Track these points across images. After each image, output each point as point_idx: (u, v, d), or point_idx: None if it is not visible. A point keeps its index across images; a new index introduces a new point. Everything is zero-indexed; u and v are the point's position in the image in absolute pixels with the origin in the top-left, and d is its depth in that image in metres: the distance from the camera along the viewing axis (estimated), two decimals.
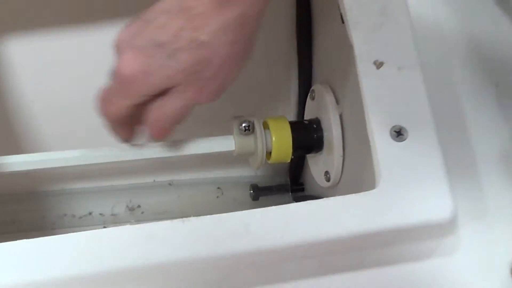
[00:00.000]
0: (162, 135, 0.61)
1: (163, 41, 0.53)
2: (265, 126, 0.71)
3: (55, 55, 0.84)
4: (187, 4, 0.52)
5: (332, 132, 0.69)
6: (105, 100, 0.60)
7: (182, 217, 0.54)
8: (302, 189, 0.95)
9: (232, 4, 0.52)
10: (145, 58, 0.54)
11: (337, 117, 0.69)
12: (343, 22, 0.62)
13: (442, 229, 0.57)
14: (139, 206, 0.94)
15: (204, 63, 0.54)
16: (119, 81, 0.56)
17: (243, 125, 0.69)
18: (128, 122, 0.62)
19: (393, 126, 0.57)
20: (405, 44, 0.61)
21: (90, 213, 0.93)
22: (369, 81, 0.59)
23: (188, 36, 0.53)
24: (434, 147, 0.57)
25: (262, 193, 0.94)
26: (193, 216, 0.54)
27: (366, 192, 0.55)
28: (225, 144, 0.70)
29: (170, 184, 0.96)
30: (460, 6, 0.71)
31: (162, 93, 0.57)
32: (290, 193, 0.95)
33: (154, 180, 0.95)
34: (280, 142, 0.70)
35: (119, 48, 0.56)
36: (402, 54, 0.60)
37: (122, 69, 0.55)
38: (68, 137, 0.90)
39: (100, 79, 0.85)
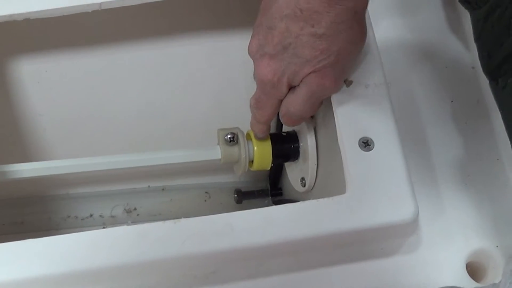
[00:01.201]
0: (295, 123, 0.64)
1: (288, 43, 0.55)
2: (248, 137, 0.71)
3: (62, 74, 0.84)
4: (301, 7, 0.52)
5: (307, 143, 0.69)
6: (259, 106, 0.63)
7: (173, 219, 0.54)
8: (281, 194, 0.95)
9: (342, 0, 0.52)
10: (277, 62, 0.56)
11: (312, 130, 0.69)
12: None
13: (406, 228, 0.57)
14: (135, 209, 0.93)
15: (325, 52, 0.54)
16: (263, 86, 0.59)
17: (228, 136, 0.69)
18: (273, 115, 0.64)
19: (361, 137, 0.57)
20: (372, 63, 0.61)
21: (91, 215, 0.93)
22: (339, 98, 0.59)
23: (308, 33, 0.53)
24: (397, 155, 0.57)
25: (245, 197, 0.94)
26: (184, 217, 0.54)
27: (337, 196, 0.55)
28: (212, 153, 0.70)
29: (163, 189, 0.95)
30: (417, 24, 0.71)
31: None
32: (270, 197, 0.95)
33: (148, 186, 0.95)
34: (261, 151, 0.70)
35: (254, 57, 0.59)
36: (369, 73, 0.60)
37: (262, 76, 0.58)
38: (72, 146, 0.90)
39: (100, 95, 0.86)
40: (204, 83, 0.88)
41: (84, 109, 0.87)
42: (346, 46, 0.55)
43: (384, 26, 0.70)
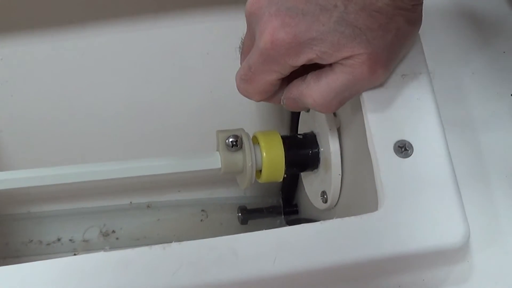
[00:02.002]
0: (301, 109, 0.61)
1: (332, 4, 0.51)
2: (255, 141, 0.71)
3: (22, 62, 0.84)
4: None
5: (329, 147, 0.69)
6: (248, 79, 0.58)
7: (162, 243, 0.54)
8: (296, 212, 0.95)
9: None
10: (305, 24, 0.52)
11: (335, 131, 0.69)
12: None
13: (453, 255, 0.57)
14: (113, 231, 0.94)
15: (383, 28, 0.52)
16: (267, 51, 0.54)
17: (230, 140, 0.69)
18: (272, 96, 0.61)
19: (397, 141, 0.57)
20: (410, 48, 0.61)
21: (59, 239, 0.93)
22: (370, 90, 0.59)
23: (363, 1, 0.51)
24: (443, 163, 0.57)
25: (252, 216, 0.94)
26: (175, 241, 0.54)
27: (368, 214, 0.55)
28: (210, 161, 0.70)
29: (148, 207, 0.96)
30: (468, 6, 0.71)
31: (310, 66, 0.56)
32: (283, 216, 0.95)
33: (130, 202, 0.95)
34: (271, 159, 0.70)
35: (258, 13, 0.54)
36: (406, 59, 0.60)
37: (272, 36, 0.53)
38: (35, 154, 0.90)
39: (71, 89, 0.86)
40: (199, 75, 0.88)
41: (50, 107, 0.87)
42: (405, 27, 0.54)
43: (425, 1, 0.70)
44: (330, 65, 0.55)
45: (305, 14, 0.52)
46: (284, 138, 0.71)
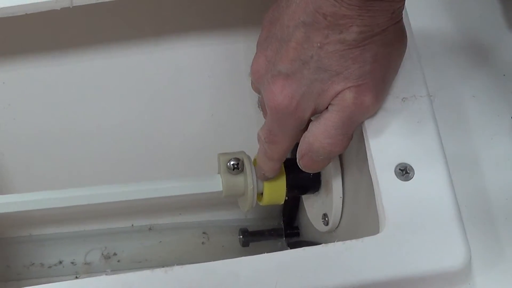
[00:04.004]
0: (318, 166, 0.62)
1: (309, 56, 0.54)
2: (256, 164, 0.71)
3: (23, 86, 0.85)
4: (325, 11, 0.52)
5: (331, 170, 0.69)
6: (272, 140, 0.62)
7: (163, 266, 0.54)
8: (298, 234, 0.95)
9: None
10: (295, 82, 0.55)
11: None
12: None
13: (455, 278, 0.56)
14: (115, 254, 0.93)
15: (358, 61, 0.54)
16: (277, 116, 0.58)
17: (231, 163, 0.69)
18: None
19: (398, 164, 0.57)
20: (410, 71, 0.61)
21: (60, 262, 0.93)
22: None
23: (335, 41, 0.53)
24: (444, 186, 0.57)
25: (253, 239, 0.94)
26: (176, 264, 0.54)
27: (369, 237, 0.55)
28: (211, 184, 0.70)
29: (150, 229, 0.95)
30: (466, 21, 0.71)
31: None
32: (284, 238, 0.95)
33: (132, 225, 0.95)
34: (272, 182, 0.70)
35: (261, 80, 0.58)
36: (407, 83, 0.60)
37: (275, 103, 0.57)
38: (36, 177, 0.90)
39: (71, 112, 0.86)
40: (200, 96, 0.88)
41: (52, 130, 0.87)
42: (382, 51, 0.54)
43: (425, 23, 0.70)
44: (326, 108, 0.57)
45: (294, 73, 0.55)
46: (285, 161, 0.71)
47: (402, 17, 0.56)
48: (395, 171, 0.57)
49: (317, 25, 0.52)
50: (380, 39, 0.54)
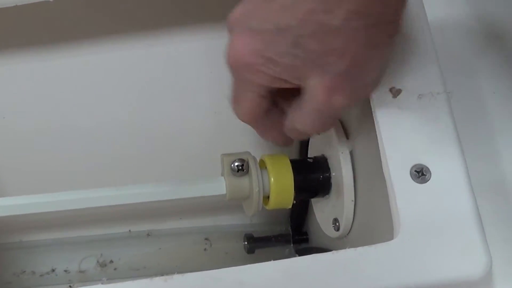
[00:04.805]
0: (305, 137, 0.65)
1: (288, 25, 0.53)
2: (262, 165, 0.71)
3: (11, 81, 0.85)
4: None
5: (341, 172, 0.69)
6: (234, 100, 0.62)
7: (163, 274, 0.54)
8: (306, 240, 0.95)
9: None
10: (263, 43, 0.54)
11: (347, 154, 0.69)
12: None
13: (475, 286, 0.56)
14: (111, 261, 0.93)
15: (336, 54, 0.53)
16: (235, 70, 0.57)
17: (236, 164, 0.69)
18: (267, 122, 0.63)
19: (414, 165, 0.57)
20: (426, 67, 0.61)
21: (53, 270, 0.93)
22: (384, 112, 0.59)
23: (318, 20, 0.52)
24: (462, 188, 0.57)
25: (259, 245, 0.94)
26: (177, 273, 0.54)
27: (383, 243, 0.55)
28: (214, 187, 0.70)
29: (148, 235, 0.95)
30: (488, 13, 0.71)
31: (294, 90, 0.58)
32: (292, 245, 0.95)
33: (129, 230, 0.95)
34: (279, 184, 0.70)
35: (231, 29, 0.57)
36: (423, 79, 0.60)
37: (237, 55, 0.56)
38: (27, 179, 0.90)
39: (65, 109, 0.86)
40: (202, 93, 0.88)
41: (44, 129, 0.87)
42: (364, 51, 0.54)
43: (442, 14, 0.70)
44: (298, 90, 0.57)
45: (263, 33, 0.54)
46: (293, 162, 0.71)
47: (397, 11, 0.55)
48: (410, 173, 0.57)
49: None
50: (366, 36, 0.53)
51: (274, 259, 0.55)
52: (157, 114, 0.89)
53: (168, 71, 0.86)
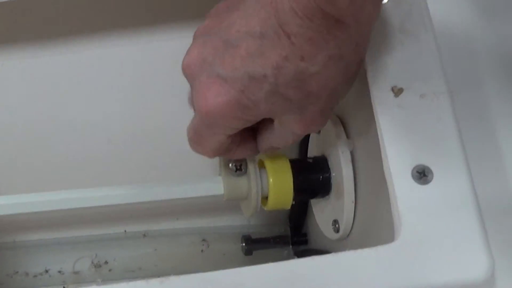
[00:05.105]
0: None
1: (261, 74, 0.52)
2: (261, 165, 0.71)
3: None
4: (290, 30, 0.50)
5: (342, 172, 0.69)
6: (198, 141, 0.62)
7: (159, 276, 0.54)
8: (305, 242, 0.95)
9: (347, 25, 0.50)
10: (238, 93, 0.54)
11: (348, 155, 0.69)
12: None
13: None
14: (106, 262, 0.93)
15: (314, 96, 0.54)
16: (207, 119, 0.57)
17: (234, 164, 0.69)
18: (235, 148, 0.64)
19: (416, 166, 0.57)
20: (429, 66, 0.61)
21: (46, 271, 0.93)
22: (386, 111, 0.59)
23: (293, 69, 0.51)
24: (465, 190, 0.57)
25: (257, 246, 0.94)
26: (173, 274, 0.54)
27: (383, 245, 0.55)
28: (212, 187, 0.70)
29: (144, 236, 0.95)
30: (493, 13, 0.71)
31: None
32: (291, 247, 0.95)
33: (125, 231, 0.95)
34: (278, 184, 0.70)
35: (192, 79, 0.57)
36: (425, 78, 0.60)
37: (208, 105, 0.55)
38: (20, 178, 0.90)
39: (59, 106, 0.86)
40: None
41: (38, 126, 0.87)
42: (339, 88, 0.56)
43: (445, 11, 0.70)
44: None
45: (235, 82, 0.53)
46: (292, 162, 0.71)
47: (366, 47, 0.56)
48: (412, 174, 0.57)
49: (277, 41, 0.50)
50: (342, 74, 0.54)
51: (272, 261, 0.54)
52: (153, 112, 0.89)
53: (165, 69, 0.86)
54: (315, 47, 0.50)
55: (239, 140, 0.63)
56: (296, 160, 0.72)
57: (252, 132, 0.63)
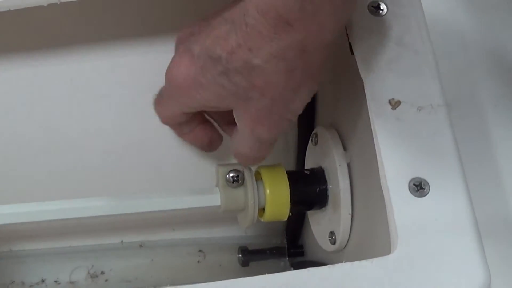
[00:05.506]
0: (253, 163, 0.67)
1: (219, 55, 0.56)
2: (258, 176, 0.71)
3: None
4: (247, 21, 0.53)
5: (339, 184, 0.69)
6: (158, 102, 0.67)
7: (155, 287, 0.54)
8: (302, 253, 0.95)
9: (294, 29, 0.52)
10: (198, 68, 0.57)
11: (345, 167, 0.69)
12: (352, 53, 0.62)
13: None
14: (102, 273, 0.93)
15: (258, 90, 0.56)
16: (169, 83, 0.61)
17: (231, 175, 0.69)
18: (185, 129, 0.68)
19: (412, 178, 0.57)
20: (427, 78, 0.61)
21: (43, 281, 0.93)
22: (383, 124, 0.59)
23: (242, 57, 0.54)
24: (462, 204, 0.57)
25: (253, 258, 0.94)
26: (169, 285, 0.54)
27: (380, 258, 0.55)
28: (209, 198, 0.70)
29: (141, 246, 0.95)
30: (488, 25, 0.71)
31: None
32: (287, 258, 0.95)
33: (121, 241, 0.95)
34: (275, 196, 0.70)
35: (177, 47, 0.62)
36: (423, 91, 0.60)
37: (173, 73, 0.60)
38: (15, 187, 0.90)
39: (58, 116, 0.86)
40: None
41: (32, 137, 0.87)
42: (284, 93, 0.56)
43: (444, 25, 0.71)
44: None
45: (200, 58, 0.57)
46: (289, 174, 0.71)
47: (318, 61, 0.56)
48: (409, 186, 0.57)
49: (238, 29, 0.54)
50: (285, 79, 0.55)
51: (269, 273, 0.54)
52: (150, 122, 0.88)
53: (161, 79, 0.86)
54: (261, 41, 0.53)
55: (195, 126, 0.68)
56: (293, 171, 0.72)
57: (213, 130, 0.70)
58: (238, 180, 0.69)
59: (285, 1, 0.50)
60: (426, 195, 0.57)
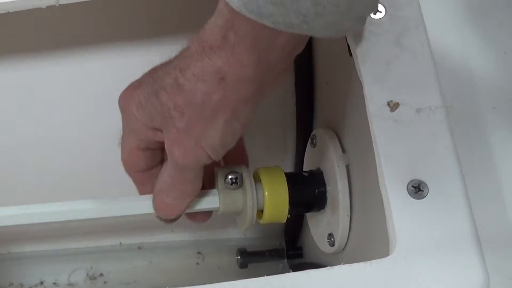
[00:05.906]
0: (166, 213, 0.67)
1: (158, 76, 0.57)
2: (256, 178, 0.71)
3: None
4: (190, 43, 0.55)
5: (337, 186, 0.69)
6: (121, 140, 0.65)
7: None
8: (300, 255, 0.95)
9: (216, 55, 0.53)
10: (142, 89, 0.59)
11: (343, 169, 0.69)
12: (350, 55, 0.62)
13: None
14: (101, 275, 0.93)
15: (179, 110, 0.56)
16: (120, 109, 0.62)
17: (229, 177, 0.69)
18: (145, 179, 0.67)
19: (411, 181, 0.57)
20: (425, 80, 0.61)
21: (41, 282, 0.93)
22: (381, 126, 0.59)
23: (173, 76, 0.55)
24: (461, 205, 0.57)
25: (252, 260, 0.94)
26: (168, 287, 0.54)
27: (378, 260, 0.55)
28: (207, 200, 0.70)
29: (139, 248, 0.95)
30: (487, 27, 0.71)
31: None
32: (286, 260, 0.95)
33: (120, 243, 0.95)
34: (274, 198, 0.70)
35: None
36: (421, 93, 0.60)
37: (122, 94, 0.61)
38: (15, 189, 0.90)
39: (57, 116, 0.86)
40: None
41: (34, 136, 0.87)
42: (199, 116, 0.56)
43: (442, 26, 0.71)
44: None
45: (144, 81, 0.59)
46: (288, 176, 0.71)
47: (243, 95, 0.56)
48: (407, 189, 0.57)
49: (181, 53, 0.56)
50: (202, 102, 0.55)
51: (267, 275, 0.54)
52: None
53: None
54: (190, 62, 0.54)
55: (152, 165, 0.66)
56: (291, 173, 0.72)
57: None
58: (236, 182, 0.69)
59: (212, 26, 0.53)
60: (424, 197, 0.57)
